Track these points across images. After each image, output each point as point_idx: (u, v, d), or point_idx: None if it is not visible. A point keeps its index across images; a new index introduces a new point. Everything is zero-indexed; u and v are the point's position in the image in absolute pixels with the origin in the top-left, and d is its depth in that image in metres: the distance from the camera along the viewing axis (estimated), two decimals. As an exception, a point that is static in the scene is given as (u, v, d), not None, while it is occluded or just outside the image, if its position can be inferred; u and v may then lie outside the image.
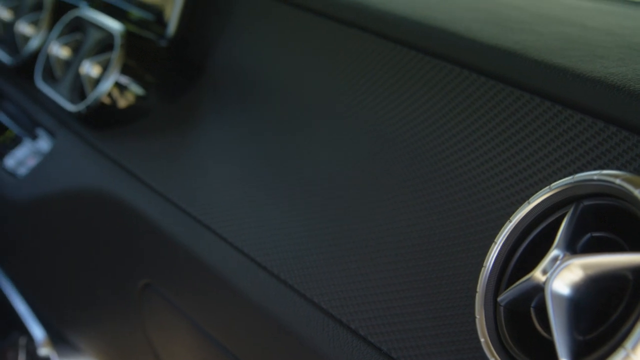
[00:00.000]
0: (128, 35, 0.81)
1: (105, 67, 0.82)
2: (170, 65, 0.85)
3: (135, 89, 0.82)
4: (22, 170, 0.96)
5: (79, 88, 0.85)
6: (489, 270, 0.44)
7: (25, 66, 0.97)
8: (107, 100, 0.80)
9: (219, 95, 0.80)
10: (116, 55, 0.80)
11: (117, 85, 0.80)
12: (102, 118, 0.83)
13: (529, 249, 0.44)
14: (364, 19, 0.68)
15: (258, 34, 0.80)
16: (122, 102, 0.81)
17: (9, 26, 1.04)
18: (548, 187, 0.43)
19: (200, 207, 0.68)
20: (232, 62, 0.81)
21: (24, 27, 0.98)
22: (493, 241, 0.46)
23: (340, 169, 0.62)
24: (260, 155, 0.70)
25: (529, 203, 0.44)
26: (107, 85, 0.79)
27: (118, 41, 0.80)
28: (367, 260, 0.56)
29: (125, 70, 0.80)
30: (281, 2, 0.78)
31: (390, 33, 0.65)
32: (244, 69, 0.79)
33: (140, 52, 0.82)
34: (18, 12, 1.03)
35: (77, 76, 0.85)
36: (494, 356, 0.42)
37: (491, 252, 0.45)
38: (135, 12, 0.91)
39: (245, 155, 0.71)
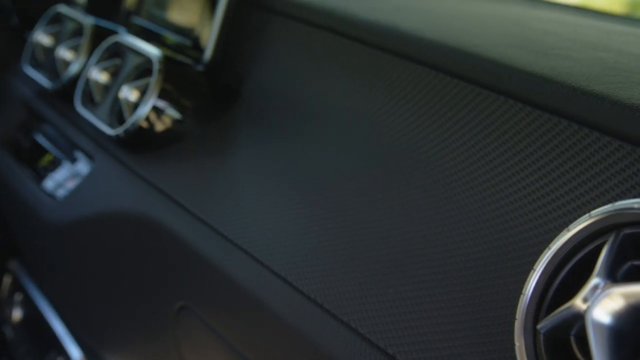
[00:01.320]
0: (165, 61, 0.83)
1: (143, 92, 0.83)
2: (206, 90, 0.86)
3: (172, 113, 0.83)
4: (61, 192, 0.98)
5: (118, 112, 0.86)
6: (528, 298, 0.44)
7: (65, 91, 0.99)
8: (144, 124, 0.82)
9: (254, 118, 0.81)
10: (154, 80, 0.81)
11: (155, 109, 0.81)
12: (139, 141, 0.84)
13: (569, 276, 0.44)
14: (398, 43, 0.68)
15: (291, 58, 0.81)
16: (160, 126, 0.83)
17: (49, 52, 1.06)
18: (588, 214, 0.43)
19: (236, 229, 0.69)
20: (267, 86, 0.82)
21: (64, 53, 1.01)
22: (532, 268, 0.46)
23: (376, 194, 0.63)
24: (295, 179, 0.70)
25: (569, 230, 0.44)
26: (145, 110, 0.81)
27: (156, 66, 0.82)
28: (404, 285, 0.56)
29: (162, 94, 0.81)
30: (315, 27, 0.79)
31: (424, 58, 0.65)
32: (278, 92, 0.80)
33: (178, 77, 0.84)
34: (58, 38, 1.05)
35: (116, 100, 0.87)
36: (534, 384, 0.42)
37: (530, 279, 0.45)
38: (172, 37, 0.93)
39: (279, 178, 0.71)
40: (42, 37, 1.08)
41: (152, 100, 0.81)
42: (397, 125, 0.66)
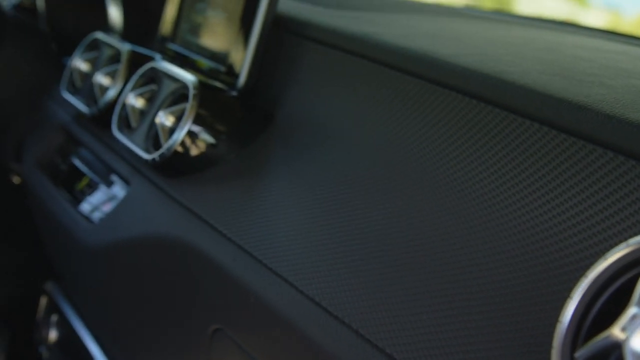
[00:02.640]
0: (200, 86, 0.84)
1: (178, 117, 0.85)
2: (240, 114, 0.87)
3: (207, 138, 0.84)
4: (98, 216, 0.99)
5: (153, 137, 0.88)
6: (565, 326, 0.44)
7: (102, 115, 1.01)
8: (180, 149, 0.83)
9: (287, 143, 0.82)
10: (190, 106, 0.82)
11: (190, 134, 0.82)
12: (175, 166, 0.85)
13: (606, 304, 0.44)
14: (431, 70, 0.69)
15: (324, 83, 0.82)
16: (194, 151, 0.84)
17: (87, 77, 1.08)
18: (625, 242, 0.43)
19: (271, 254, 0.70)
20: (300, 111, 0.83)
21: (102, 78, 1.03)
22: (568, 295, 0.46)
23: (411, 219, 0.63)
24: (328, 203, 0.71)
25: (606, 259, 0.44)
26: (181, 135, 0.82)
27: (192, 92, 0.83)
28: (438, 311, 0.56)
29: (197, 119, 0.83)
30: (348, 53, 0.80)
31: (458, 85, 0.66)
32: (311, 117, 0.81)
33: (212, 102, 0.85)
34: (96, 64, 1.08)
35: (152, 125, 0.88)
36: (571, 413, 0.42)
37: (567, 307, 0.45)
38: (206, 63, 0.95)
39: (312, 202, 0.72)
40: (80, 63, 1.10)
41: (187, 126, 0.82)
42: (430, 151, 0.66)
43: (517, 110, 0.60)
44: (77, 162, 1.11)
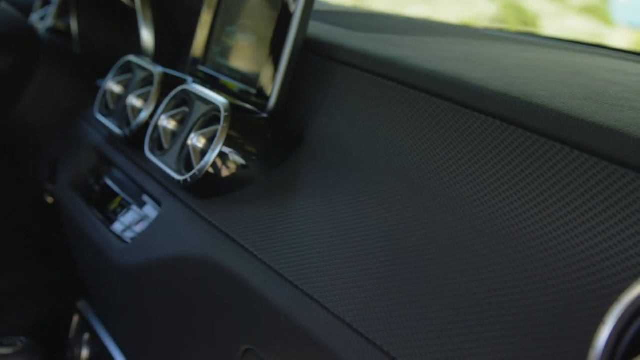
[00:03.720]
0: (232, 109, 0.85)
1: (210, 139, 0.86)
2: (270, 136, 0.88)
3: (238, 159, 0.85)
4: (130, 235, 1.01)
5: (185, 158, 0.89)
6: (599, 352, 0.44)
7: (134, 137, 1.03)
8: (211, 170, 0.84)
9: (317, 165, 0.82)
10: (221, 128, 0.83)
11: (221, 155, 0.83)
12: (206, 187, 0.86)
13: (640, 330, 0.44)
14: (462, 94, 0.70)
15: (354, 106, 0.83)
16: (226, 172, 0.85)
17: (119, 100, 1.10)
18: (658, 268, 0.43)
19: (302, 274, 0.71)
20: (330, 133, 0.84)
21: (134, 101, 1.05)
22: (602, 320, 0.46)
23: (441, 240, 0.64)
24: (359, 224, 0.71)
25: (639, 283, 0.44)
26: (212, 157, 0.83)
27: (223, 115, 0.84)
28: (469, 334, 0.56)
29: (229, 141, 0.84)
30: (378, 76, 0.81)
31: (488, 108, 0.67)
32: (341, 139, 0.82)
33: (243, 124, 0.86)
34: (128, 86, 1.10)
35: (184, 147, 0.89)
36: None
37: (600, 332, 0.45)
38: (237, 85, 0.96)
39: (344, 223, 0.73)
40: (113, 86, 1.12)
41: (219, 147, 0.83)
42: (460, 173, 0.66)
43: (548, 134, 0.60)
44: (110, 183, 1.12)
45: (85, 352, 1.23)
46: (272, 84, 0.89)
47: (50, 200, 1.36)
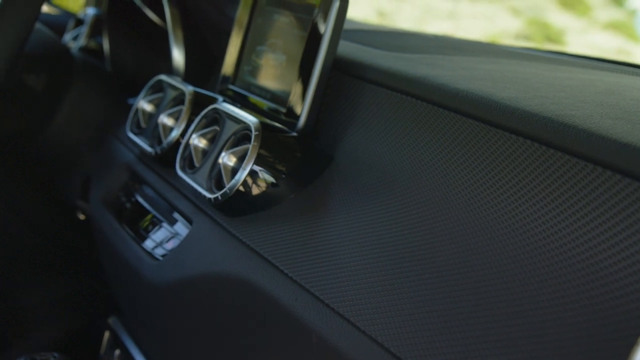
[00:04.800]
0: (262, 128, 0.86)
1: (240, 157, 0.87)
2: (300, 155, 0.89)
3: (268, 178, 0.86)
4: (160, 252, 1.02)
5: (216, 176, 0.90)
6: (635, 374, 0.44)
7: (165, 155, 1.04)
8: (242, 189, 0.85)
9: (347, 183, 0.83)
10: (252, 147, 0.84)
11: (252, 174, 0.84)
12: (237, 205, 0.87)
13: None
14: (493, 114, 0.70)
15: (384, 125, 0.83)
16: (256, 190, 0.86)
17: (151, 118, 1.12)
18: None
19: (333, 293, 0.71)
20: (359, 152, 0.85)
21: (165, 119, 1.06)
22: (636, 342, 0.46)
23: (471, 261, 0.64)
24: (389, 244, 0.72)
25: (675, 306, 0.44)
26: (243, 175, 0.84)
27: (254, 134, 0.85)
28: (501, 355, 0.56)
29: (259, 160, 0.84)
30: (407, 95, 0.82)
31: (521, 129, 0.67)
32: (371, 158, 0.82)
33: (273, 143, 0.87)
34: (160, 105, 1.11)
35: (214, 165, 0.90)
36: None
37: (636, 352, 0.45)
38: (267, 104, 0.97)
39: (374, 242, 0.73)
40: (144, 104, 1.14)
41: (250, 166, 0.84)
42: (491, 193, 0.67)
43: (581, 154, 0.60)
44: (141, 200, 1.14)
45: (116, 368, 1.24)
46: (301, 103, 0.90)
47: (82, 217, 1.38)
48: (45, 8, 1.13)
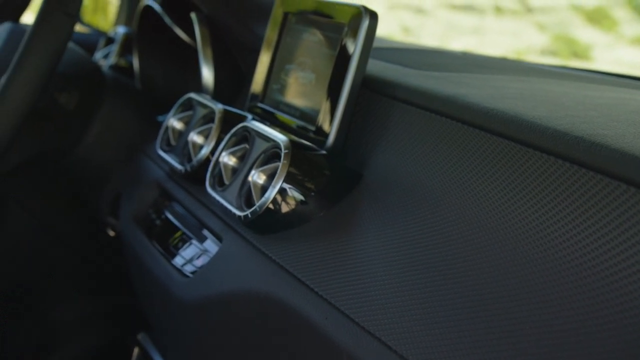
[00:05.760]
0: (292, 146, 0.86)
1: (270, 175, 0.88)
2: (329, 173, 0.89)
3: (298, 196, 0.86)
4: (190, 269, 1.03)
5: (246, 194, 0.91)
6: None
7: (195, 173, 1.05)
8: (272, 206, 0.85)
9: (376, 201, 0.83)
10: (282, 165, 0.85)
11: (282, 192, 0.85)
12: (266, 222, 0.88)
13: None
14: (524, 133, 0.70)
15: (413, 144, 0.83)
16: (286, 208, 0.86)
17: (181, 136, 1.13)
18: None
19: (363, 312, 0.71)
20: (389, 170, 0.85)
21: (195, 137, 1.07)
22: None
23: (505, 282, 0.64)
24: (420, 263, 0.72)
25: None
26: (273, 193, 0.84)
27: (284, 152, 0.85)
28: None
29: (289, 178, 0.85)
30: (437, 114, 0.82)
31: (552, 148, 0.66)
32: (400, 177, 0.83)
33: (303, 161, 0.87)
34: (190, 123, 1.12)
35: (244, 183, 0.91)
36: None
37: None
38: (296, 122, 0.98)
39: (405, 261, 0.73)
40: (174, 122, 1.15)
41: (279, 184, 0.84)
42: (522, 212, 0.66)
43: (613, 174, 0.60)
44: (171, 217, 1.15)
45: (144, 384, 1.24)
46: (331, 121, 0.91)
47: (112, 233, 1.40)
48: (76, 27, 1.15)
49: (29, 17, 1.47)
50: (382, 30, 0.91)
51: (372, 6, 0.92)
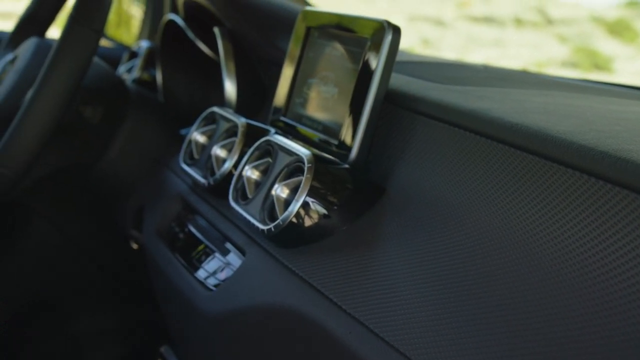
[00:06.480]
0: (315, 160, 0.87)
1: (293, 189, 0.88)
2: (352, 187, 0.89)
3: (321, 210, 0.86)
4: (212, 282, 1.03)
5: (269, 208, 0.91)
6: None
7: (218, 186, 1.06)
8: (295, 220, 0.85)
9: (400, 216, 0.83)
10: (305, 179, 0.85)
11: (305, 206, 0.85)
12: (290, 236, 0.88)
13: None
14: (549, 148, 0.69)
15: (436, 158, 0.83)
16: (309, 222, 0.86)
17: (204, 150, 1.14)
18: None
19: (388, 327, 0.71)
20: (412, 185, 0.85)
21: (218, 151, 1.08)
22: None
23: (530, 299, 0.63)
24: (445, 278, 0.71)
25: None
26: (296, 207, 0.84)
27: (307, 166, 0.86)
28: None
29: (312, 192, 0.85)
30: (460, 128, 0.82)
31: (576, 163, 0.66)
32: (423, 191, 0.83)
33: (326, 175, 0.87)
34: (213, 137, 1.13)
35: (267, 197, 0.91)
36: None
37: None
38: (318, 135, 0.98)
39: (430, 277, 0.73)
40: (197, 136, 1.16)
41: (302, 198, 0.85)
42: (546, 228, 0.66)
43: (639, 190, 0.60)
44: (194, 230, 1.15)
45: (167, 397, 1.25)
46: (353, 135, 0.91)
47: (135, 246, 1.40)
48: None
49: (54, 32, 1.48)
50: (401, 43, 0.91)
51: (391, 18, 0.92)
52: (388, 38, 0.88)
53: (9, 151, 1.05)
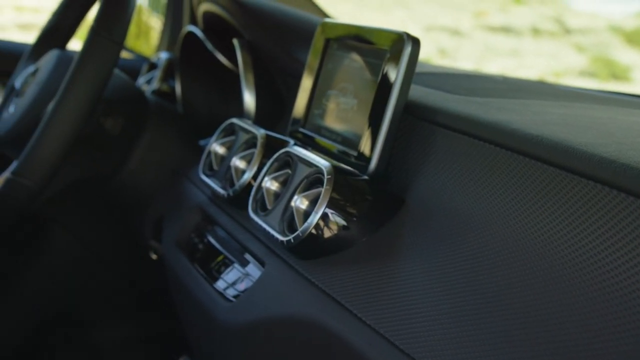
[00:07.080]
0: (334, 171, 0.87)
1: (312, 200, 0.88)
2: (371, 198, 0.89)
3: (340, 221, 0.87)
4: (232, 293, 1.03)
5: (288, 219, 0.91)
6: None
7: (237, 197, 1.06)
8: (314, 232, 0.85)
9: (419, 228, 0.83)
10: (325, 191, 0.85)
11: (324, 217, 0.85)
12: (309, 248, 0.88)
13: None
14: (569, 160, 0.69)
15: (455, 169, 0.83)
16: (328, 233, 0.86)
17: (223, 161, 1.15)
18: None
19: (409, 339, 0.71)
20: (431, 196, 0.85)
21: (238, 162, 1.08)
22: None
23: (548, 309, 0.63)
24: (465, 291, 0.71)
25: None
26: (316, 218, 0.84)
27: (326, 177, 0.86)
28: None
29: (331, 203, 0.85)
30: (479, 140, 0.82)
31: (597, 175, 0.66)
32: (442, 203, 0.83)
33: (345, 187, 0.88)
34: (232, 148, 1.14)
35: (287, 208, 0.92)
36: None
37: None
38: (337, 147, 0.98)
39: (451, 289, 0.73)
40: (217, 147, 1.17)
41: (322, 209, 0.85)
42: (567, 240, 0.66)
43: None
44: (213, 241, 1.16)
45: (186, 407, 1.25)
46: (373, 147, 0.91)
47: (154, 256, 1.41)
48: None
49: (75, 44, 1.50)
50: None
51: (408, 28, 0.92)
52: (407, 50, 0.89)
53: (31, 163, 1.06)
